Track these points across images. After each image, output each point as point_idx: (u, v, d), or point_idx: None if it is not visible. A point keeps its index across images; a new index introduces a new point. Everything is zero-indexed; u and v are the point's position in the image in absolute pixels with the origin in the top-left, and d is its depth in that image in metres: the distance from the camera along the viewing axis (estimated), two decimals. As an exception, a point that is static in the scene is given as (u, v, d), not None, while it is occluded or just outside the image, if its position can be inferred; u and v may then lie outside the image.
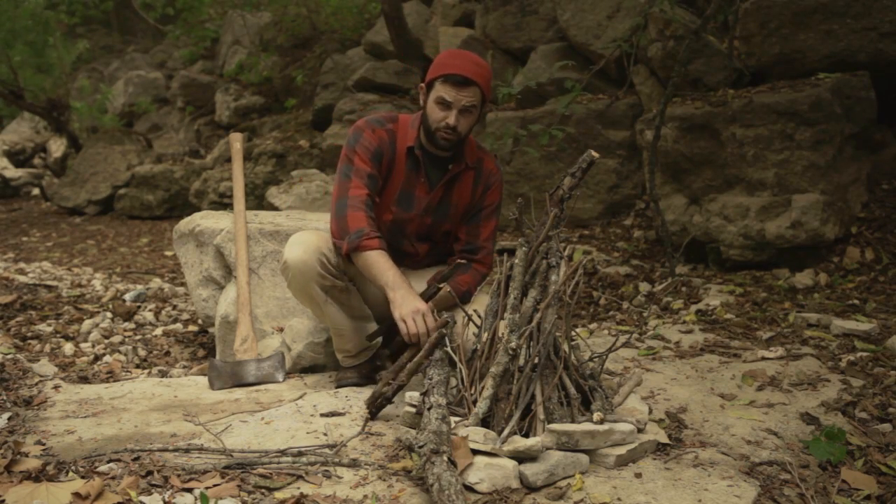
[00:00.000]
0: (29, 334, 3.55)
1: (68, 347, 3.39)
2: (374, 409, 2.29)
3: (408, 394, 2.17)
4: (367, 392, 2.51)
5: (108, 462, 1.95)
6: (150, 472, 1.87)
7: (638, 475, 1.94)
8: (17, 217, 9.58)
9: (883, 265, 3.90)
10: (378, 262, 2.44)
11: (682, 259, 4.40)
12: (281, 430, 2.23)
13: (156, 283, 5.05)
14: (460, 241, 2.71)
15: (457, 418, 2.03)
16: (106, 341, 3.56)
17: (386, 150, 2.59)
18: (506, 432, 1.92)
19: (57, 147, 12.20)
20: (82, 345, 3.49)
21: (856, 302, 3.57)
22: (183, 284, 4.96)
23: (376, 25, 8.41)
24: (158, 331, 3.75)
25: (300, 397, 2.56)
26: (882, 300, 3.57)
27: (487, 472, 1.84)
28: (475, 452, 1.88)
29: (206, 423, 2.29)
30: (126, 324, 3.87)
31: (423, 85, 2.57)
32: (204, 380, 2.82)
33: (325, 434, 2.19)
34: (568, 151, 5.29)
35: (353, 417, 2.32)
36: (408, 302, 2.37)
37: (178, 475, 1.86)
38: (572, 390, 2.11)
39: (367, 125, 2.61)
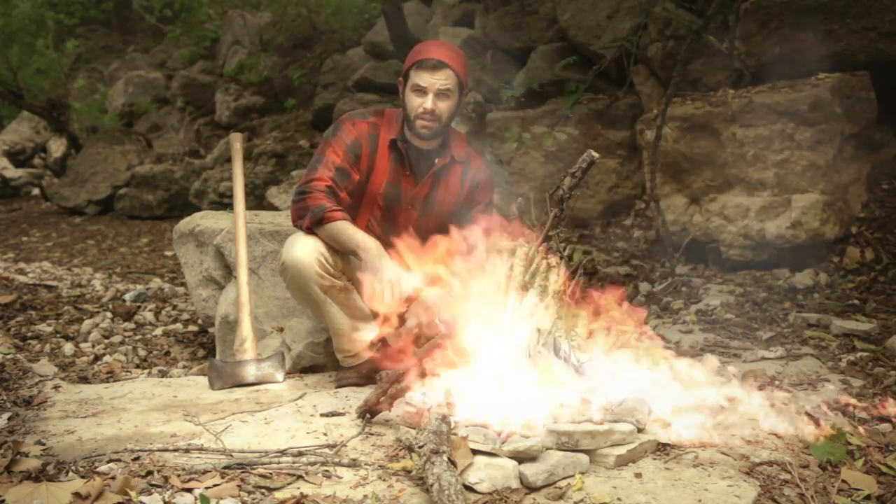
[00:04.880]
0: (29, 334, 3.56)
1: (68, 347, 3.39)
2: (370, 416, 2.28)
3: (408, 393, 2.17)
4: (367, 392, 2.51)
5: (108, 462, 1.95)
6: (150, 472, 1.87)
7: (638, 475, 1.94)
8: (17, 217, 9.58)
9: (883, 265, 3.90)
10: (346, 228, 2.46)
11: (682, 259, 4.39)
12: (281, 430, 2.23)
13: (156, 283, 5.05)
14: None
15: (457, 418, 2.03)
16: (106, 341, 3.56)
17: (365, 142, 2.60)
18: (506, 432, 1.92)
19: (57, 147, 12.19)
20: (82, 345, 3.49)
21: (856, 302, 3.57)
22: (183, 284, 4.96)
23: (376, 25, 8.40)
24: (158, 331, 3.75)
25: (300, 397, 2.56)
26: (882, 300, 3.57)
27: (487, 472, 1.84)
28: (475, 452, 1.88)
29: (206, 423, 2.29)
30: (126, 324, 3.87)
31: (401, 79, 2.59)
32: (204, 380, 2.82)
33: (325, 434, 2.19)
34: (568, 151, 5.28)
35: (353, 417, 2.32)
36: (384, 268, 2.40)
37: (178, 475, 1.86)
38: (572, 390, 2.11)
39: (348, 118, 2.64)
